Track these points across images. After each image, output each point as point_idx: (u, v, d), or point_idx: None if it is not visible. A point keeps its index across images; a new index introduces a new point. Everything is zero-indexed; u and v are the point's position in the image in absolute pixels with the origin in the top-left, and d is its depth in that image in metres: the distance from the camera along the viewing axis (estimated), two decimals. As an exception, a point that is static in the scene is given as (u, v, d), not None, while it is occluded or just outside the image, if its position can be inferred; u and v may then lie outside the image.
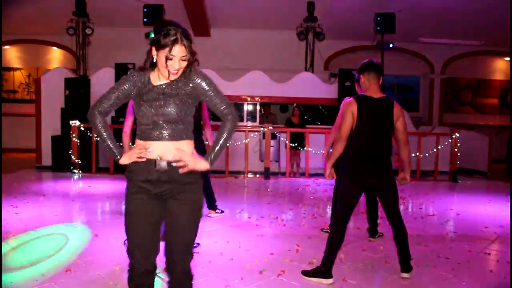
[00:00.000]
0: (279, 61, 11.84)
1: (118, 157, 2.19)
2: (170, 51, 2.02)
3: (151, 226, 2.17)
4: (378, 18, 9.46)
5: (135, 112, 2.18)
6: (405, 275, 3.47)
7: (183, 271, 2.20)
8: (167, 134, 2.13)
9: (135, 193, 2.16)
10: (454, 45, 12.65)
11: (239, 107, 9.76)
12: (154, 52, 2.08)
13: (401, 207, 6.09)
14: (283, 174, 8.80)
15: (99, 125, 2.19)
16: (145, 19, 9.34)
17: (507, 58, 13.43)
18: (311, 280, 3.38)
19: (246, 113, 9.83)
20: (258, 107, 9.83)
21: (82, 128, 8.47)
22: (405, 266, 3.47)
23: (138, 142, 2.18)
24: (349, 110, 3.36)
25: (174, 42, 2.01)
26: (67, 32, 9.83)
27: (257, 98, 9.63)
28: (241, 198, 6.69)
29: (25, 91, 13.20)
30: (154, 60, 2.10)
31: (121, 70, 8.84)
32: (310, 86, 9.53)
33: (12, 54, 13.17)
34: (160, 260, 2.20)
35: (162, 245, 2.20)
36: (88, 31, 9.82)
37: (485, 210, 6.11)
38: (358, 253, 4.10)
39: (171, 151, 2.12)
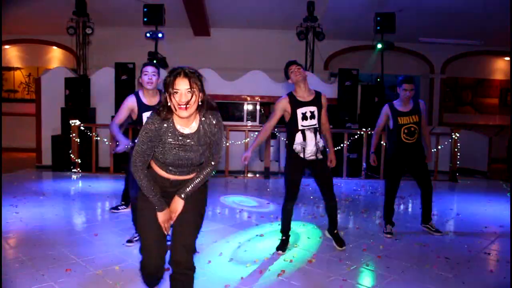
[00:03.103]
0: (279, 61, 11.74)
1: (159, 209, 2.37)
2: (173, 85, 2.15)
3: (159, 228, 2.40)
4: (378, 18, 9.47)
5: (156, 147, 2.31)
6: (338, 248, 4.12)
7: (188, 262, 2.37)
8: (182, 172, 2.40)
9: (147, 205, 2.39)
10: (454, 45, 12.64)
11: (239, 107, 9.76)
12: (167, 96, 2.19)
13: (402, 207, 6.13)
14: (283, 174, 8.79)
15: (145, 181, 2.33)
16: (145, 19, 9.34)
17: (507, 58, 13.43)
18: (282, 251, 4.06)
19: (246, 113, 9.82)
20: (258, 107, 9.83)
21: (82, 128, 8.47)
22: (336, 237, 4.18)
23: (154, 166, 2.40)
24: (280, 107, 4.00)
25: (176, 76, 2.15)
26: (67, 32, 9.83)
27: (257, 98, 9.63)
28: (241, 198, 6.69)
29: (25, 91, 13.20)
30: (169, 104, 2.19)
31: (121, 70, 8.86)
32: (310, 85, 9.51)
33: (12, 54, 13.16)
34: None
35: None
36: (88, 30, 9.81)
37: (485, 210, 6.11)
38: (358, 253, 4.11)
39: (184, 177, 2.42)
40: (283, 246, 4.11)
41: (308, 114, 3.94)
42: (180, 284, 2.36)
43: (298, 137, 3.95)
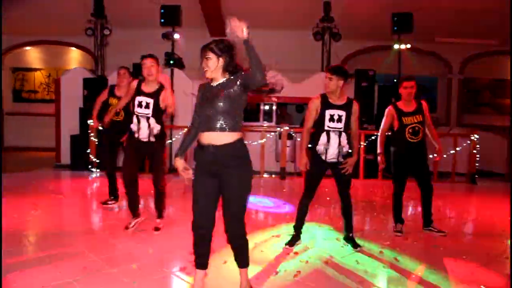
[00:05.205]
0: (295, 61, 11.80)
1: (177, 156, 2.95)
2: (201, 56, 2.92)
3: (208, 197, 2.89)
4: (395, 18, 9.38)
5: (196, 110, 2.93)
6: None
7: (238, 230, 3.03)
8: (217, 126, 2.76)
9: (199, 175, 2.86)
10: (472, 44, 12.44)
11: (255, 107, 9.77)
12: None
13: (419, 209, 6.05)
14: (299, 174, 8.78)
15: (187, 134, 2.99)
16: (162, 20, 9.40)
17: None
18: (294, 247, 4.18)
19: (263, 113, 9.83)
20: (274, 107, 9.82)
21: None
22: (351, 241, 4.24)
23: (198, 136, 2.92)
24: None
25: (201, 50, 2.96)
26: (86, 33, 9.96)
27: (273, 98, 9.63)
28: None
29: (45, 91, 13.43)
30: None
31: (138, 70, 8.93)
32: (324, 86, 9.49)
33: (33, 55, 13.41)
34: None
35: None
36: (106, 32, 9.93)
37: (504, 212, 6.01)
38: (375, 255, 4.08)
39: (220, 139, 2.77)
40: (291, 241, 4.24)
41: (336, 117, 4.06)
42: (235, 251, 2.99)
43: (323, 138, 4.10)
